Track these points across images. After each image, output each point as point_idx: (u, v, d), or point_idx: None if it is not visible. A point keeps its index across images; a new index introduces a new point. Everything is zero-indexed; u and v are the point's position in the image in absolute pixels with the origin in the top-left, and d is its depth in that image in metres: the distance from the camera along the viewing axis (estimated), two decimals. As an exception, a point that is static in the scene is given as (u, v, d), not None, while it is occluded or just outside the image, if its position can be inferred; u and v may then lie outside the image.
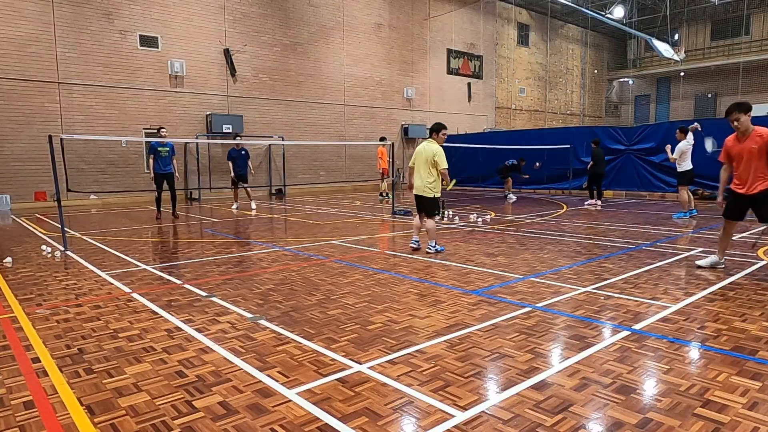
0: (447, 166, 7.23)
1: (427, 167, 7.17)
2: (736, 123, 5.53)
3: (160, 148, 11.46)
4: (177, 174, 11.98)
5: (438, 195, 7.32)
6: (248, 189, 14.46)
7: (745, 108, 5.52)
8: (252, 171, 14.66)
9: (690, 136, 11.24)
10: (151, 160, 11.56)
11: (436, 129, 7.35)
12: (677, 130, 11.63)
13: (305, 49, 20.92)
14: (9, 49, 14.55)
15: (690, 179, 11.46)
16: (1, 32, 14.44)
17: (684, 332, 3.93)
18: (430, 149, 7.17)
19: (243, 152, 14.04)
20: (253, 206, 14.25)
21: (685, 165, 11.21)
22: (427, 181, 7.21)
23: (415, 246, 7.60)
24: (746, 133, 5.53)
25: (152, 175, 11.63)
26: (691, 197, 11.63)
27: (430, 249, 7.31)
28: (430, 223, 7.32)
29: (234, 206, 14.30)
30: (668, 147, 11.94)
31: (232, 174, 14.09)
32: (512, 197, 16.51)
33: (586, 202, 14.54)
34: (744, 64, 33.46)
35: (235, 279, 5.87)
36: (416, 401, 2.86)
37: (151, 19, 16.97)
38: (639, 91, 41.81)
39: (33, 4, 14.83)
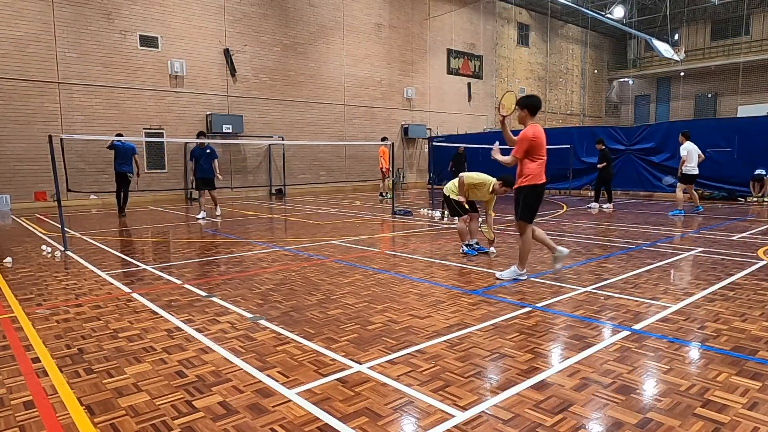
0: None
1: None
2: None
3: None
4: (135, 174, 13.11)
5: (454, 197, 7.19)
6: (213, 193, 12.31)
7: (524, 104, 5.53)
8: (218, 174, 12.16)
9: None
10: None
11: None
12: (680, 134, 11.78)
13: (305, 49, 20.92)
14: (9, 49, 14.56)
15: (691, 180, 11.75)
16: (1, 32, 14.44)
17: (684, 332, 3.93)
18: None
19: (208, 151, 11.99)
20: (218, 212, 12.30)
21: (690, 168, 11.49)
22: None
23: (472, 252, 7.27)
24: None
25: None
26: (683, 198, 11.79)
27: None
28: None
29: (200, 215, 11.99)
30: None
31: (193, 176, 12.20)
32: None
33: (604, 206, 13.34)
34: (744, 64, 33.46)
35: (235, 279, 5.87)
36: (416, 401, 2.86)
37: (151, 19, 16.97)
38: (639, 91, 41.81)
39: (33, 4, 14.83)
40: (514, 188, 5.70)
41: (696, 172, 11.59)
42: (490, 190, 6.99)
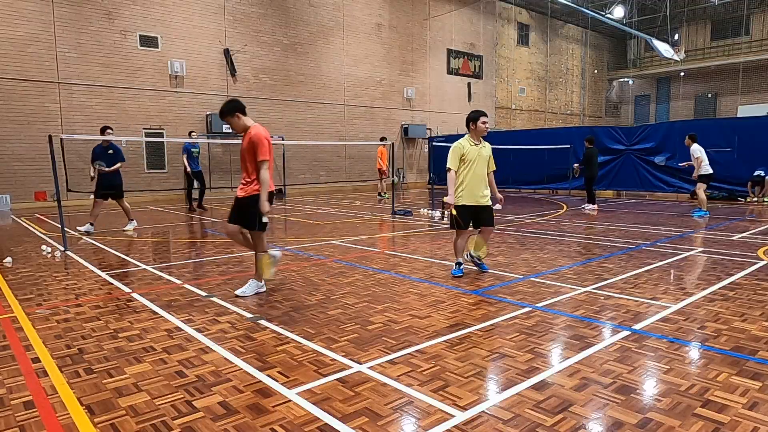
0: (449, 166, 5.76)
1: None
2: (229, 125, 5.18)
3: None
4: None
5: (457, 203, 5.80)
6: (123, 203, 10.16)
7: (231, 108, 5.11)
8: (108, 168, 9.72)
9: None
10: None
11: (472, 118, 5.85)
12: (687, 137, 11.69)
13: (305, 49, 20.92)
14: (9, 49, 14.55)
15: (709, 179, 11.67)
16: (1, 32, 14.44)
17: (684, 332, 3.93)
18: None
19: (111, 151, 9.76)
20: (130, 227, 10.12)
21: (707, 168, 11.43)
22: None
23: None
24: (245, 132, 5.18)
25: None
26: (704, 198, 11.67)
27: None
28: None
29: (84, 228, 9.61)
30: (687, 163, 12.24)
31: (94, 181, 9.94)
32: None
33: (587, 207, 13.09)
34: (744, 64, 33.46)
35: (235, 279, 5.87)
36: (416, 401, 2.86)
37: (151, 19, 16.97)
38: (639, 91, 41.80)
39: (33, 4, 14.83)
40: (245, 196, 5.04)
41: (711, 171, 11.48)
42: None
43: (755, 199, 14.56)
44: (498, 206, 5.96)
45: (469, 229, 5.93)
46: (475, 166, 5.74)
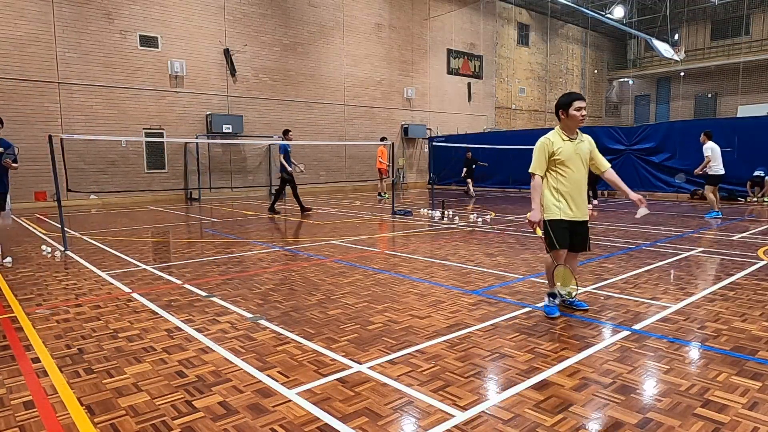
0: (533, 169, 4.42)
1: None
2: None
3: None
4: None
5: (549, 217, 4.35)
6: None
7: None
8: (13, 165, 7.30)
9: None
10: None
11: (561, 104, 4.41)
12: (703, 134, 11.45)
13: (305, 49, 20.92)
14: (9, 49, 14.55)
15: (718, 181, 11.40)
16: (1, 32, 14.44)
17: (684, 332, 3.93)
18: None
19: (1, 149, 7.15)
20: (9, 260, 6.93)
21: (718, 168, 11.13)
22: None
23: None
24: None
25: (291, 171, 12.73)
26: (717, 197, 11.56)
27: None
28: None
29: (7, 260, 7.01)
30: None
31: None
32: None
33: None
34: (744, 64, 33.44)
35: (235, 279, 5.87)
36: (416, 401, 2.86)
37: (151, 19, 16.97)
38: (639, 91, 41.79)
39: (33, 4, 14.83)
40: None
41: (723, 172, 11.18)
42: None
43: (755, 199, 14.56)
44: (644, 210, 4.29)
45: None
46: (572, 167, 4.33)
